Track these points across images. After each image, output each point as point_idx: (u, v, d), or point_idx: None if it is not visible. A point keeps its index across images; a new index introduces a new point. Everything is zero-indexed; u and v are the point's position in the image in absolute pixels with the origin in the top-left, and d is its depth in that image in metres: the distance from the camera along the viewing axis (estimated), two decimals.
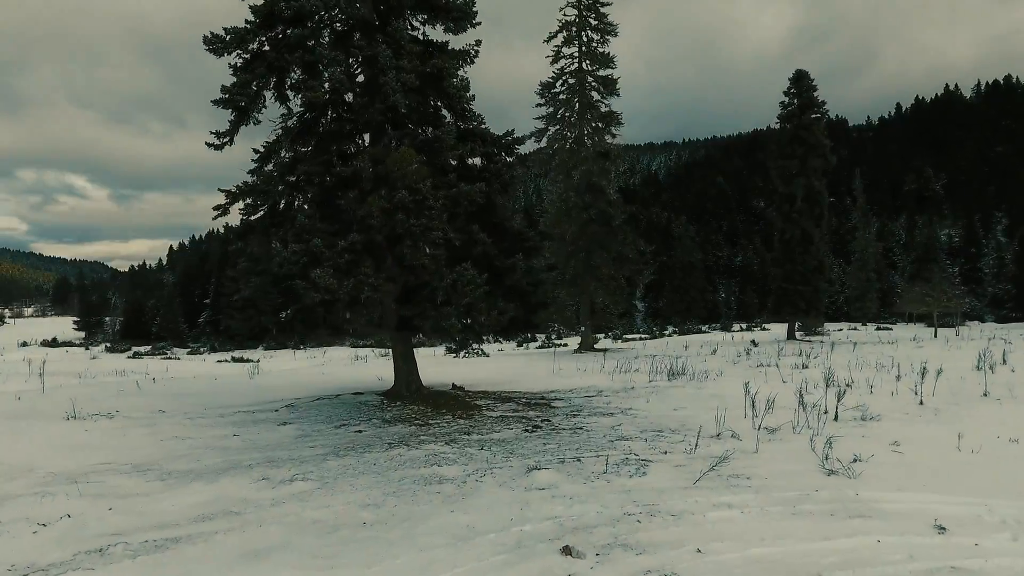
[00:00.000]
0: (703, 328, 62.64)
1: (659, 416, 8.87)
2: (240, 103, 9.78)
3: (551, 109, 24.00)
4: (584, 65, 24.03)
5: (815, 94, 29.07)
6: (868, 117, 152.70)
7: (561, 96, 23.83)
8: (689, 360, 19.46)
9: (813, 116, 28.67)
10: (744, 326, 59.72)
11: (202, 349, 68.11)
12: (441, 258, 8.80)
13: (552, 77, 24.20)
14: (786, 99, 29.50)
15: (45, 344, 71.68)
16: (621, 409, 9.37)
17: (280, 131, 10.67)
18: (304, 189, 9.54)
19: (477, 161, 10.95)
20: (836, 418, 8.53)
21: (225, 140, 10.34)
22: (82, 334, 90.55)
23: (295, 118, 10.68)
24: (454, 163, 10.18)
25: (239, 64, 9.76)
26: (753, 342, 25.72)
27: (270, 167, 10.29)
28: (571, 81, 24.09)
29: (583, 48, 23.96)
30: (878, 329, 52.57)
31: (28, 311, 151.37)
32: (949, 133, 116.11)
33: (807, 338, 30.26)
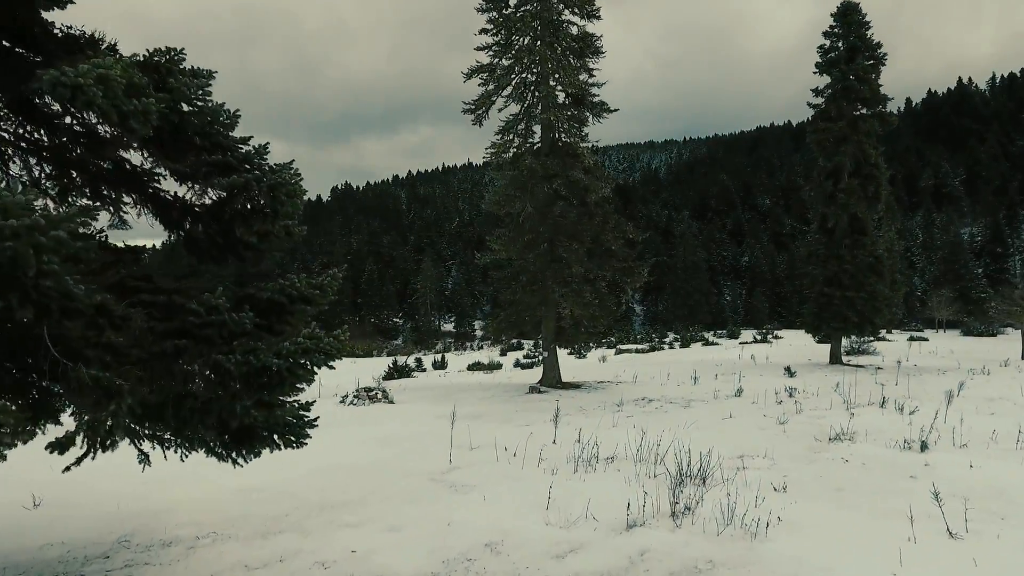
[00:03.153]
0: (708, 337, 54.96)
1: None
2: None
3: (501, 35, 16.33)
4: None
5: (868, 33, 21.31)
6: None
7: (516, 15, 16.13)
8: (705, 412, 11.81)
9: (867, 62, 20.89)
10: (756, 335, 51.90)
11: None
12: None
13: None
14: (827, 42, 21.73)
15: None
16: None
17: None
18: None
19: None
20: None
21: None
22: None
23: None
24: None
25: None
26: (789, 371, 18.01)
27: None
28: None
29: None
30: (912, 339, 44.86)
31: None
32: (965, 127, 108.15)
33: (855, 361, 22.47)
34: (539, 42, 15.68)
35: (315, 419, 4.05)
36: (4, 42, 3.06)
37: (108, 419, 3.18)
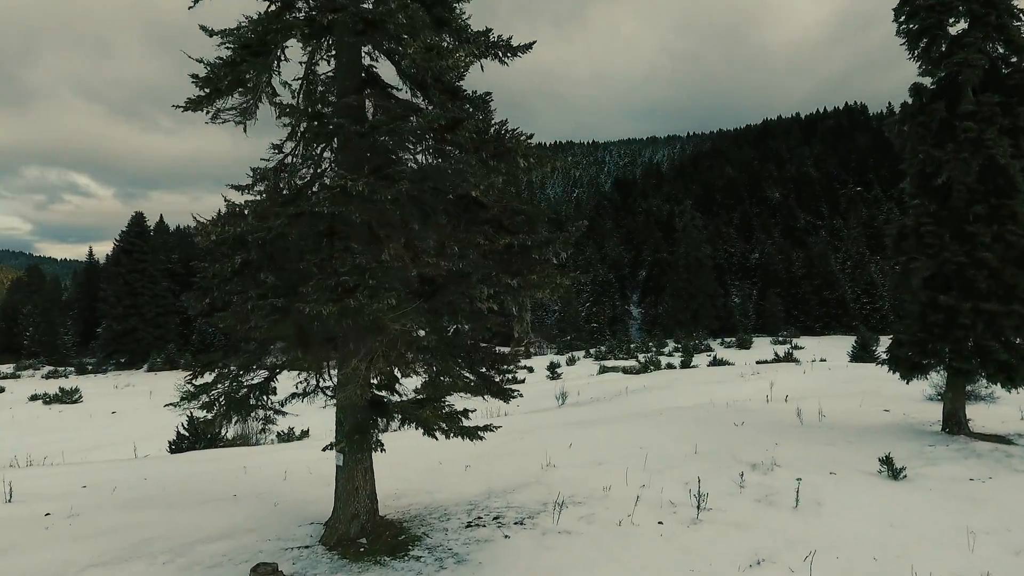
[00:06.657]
0: (715, 349, 45.34)
1: None
2: None
3: None
4: None
5: None
6: (889, 103, 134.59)
7: None
8: None
9: None
10: (775, 348, 42.14)
11: (68, 370, 51.68)
12: None
13: None
14: None
15: None
16: None
17: None
18: None
19: None
20: None
21: None
22: None
23: None
24: None
25: None
26: (890, 466, 8.65)
27: None
28: None
29: None
30: None
31: None
32: None
33: (983, 424, 12.82)
34: None
35: None
36: None
37: None
